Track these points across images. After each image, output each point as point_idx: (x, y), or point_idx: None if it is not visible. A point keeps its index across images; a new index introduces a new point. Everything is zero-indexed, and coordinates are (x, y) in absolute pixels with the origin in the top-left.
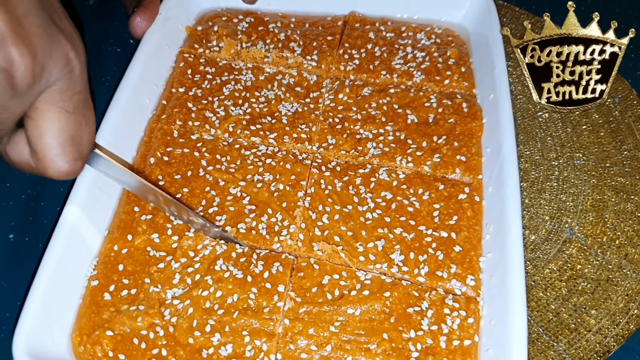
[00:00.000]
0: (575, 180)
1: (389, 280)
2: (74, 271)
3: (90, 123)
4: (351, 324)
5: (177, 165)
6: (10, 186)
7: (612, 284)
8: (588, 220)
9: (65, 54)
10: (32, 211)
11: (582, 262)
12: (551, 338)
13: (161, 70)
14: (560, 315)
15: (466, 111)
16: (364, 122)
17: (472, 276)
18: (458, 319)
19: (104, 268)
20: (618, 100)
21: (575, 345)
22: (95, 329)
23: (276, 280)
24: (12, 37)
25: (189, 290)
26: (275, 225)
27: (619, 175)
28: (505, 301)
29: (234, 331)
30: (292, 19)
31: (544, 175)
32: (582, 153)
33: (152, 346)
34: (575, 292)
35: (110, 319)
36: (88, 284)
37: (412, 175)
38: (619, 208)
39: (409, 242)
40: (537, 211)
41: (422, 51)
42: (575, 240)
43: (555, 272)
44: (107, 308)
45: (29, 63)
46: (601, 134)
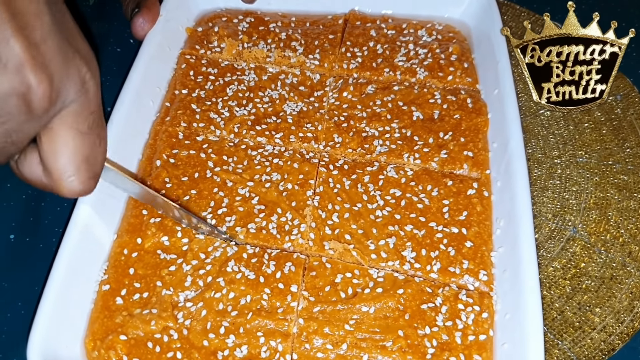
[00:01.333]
0: (578, 178)
1: (402, 277)
2: (84, 276)
3: (104, 142)
4: (366, 322)
5: (183, 167)
6: (10, 186)
7: (616, 282)
8: (591, 218)
9: (82, 76)
10: (32, 212)
11: (585, 260)
12: (556, 336)
13: (163, 72)
14: (565, 313)
15: (471, 107)
16: (370, 119)
17: (484, 271)
18: (472, 314)
19: (115, 272)
20: (620, 98)
21: (579, 343)
22: (109, 333)
23: (289, 280)
24: (30, 63)
25: (202, 292)
26: (285, 224)
27: (622, 172)
28: (519, 295)
29: (249, 332)
30: (292, 18)
31: (546, 174)
32: (585, 151)
33: (167, 349)
34: (579, 290)
35: (123, 323)
36: (99, 288)
37: (420, 172)
38: (622, 206)
39: (420, 238)
40: (540, 209)
41: (424, 48)
42: (578, 238)
43: (559, 271)
44: (119, 312)
45: (46, 88)
46: (603, 131)
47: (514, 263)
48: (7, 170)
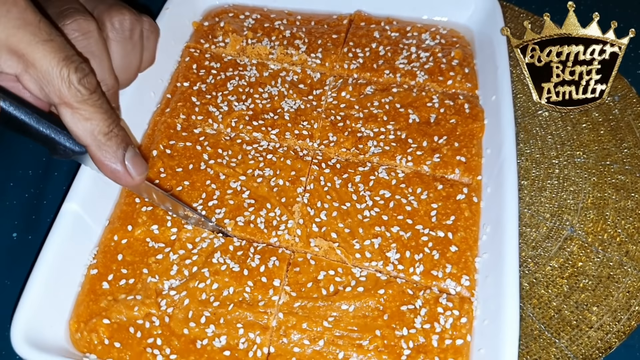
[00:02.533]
0: (576, 178)
1: (384, 277)
2: (74, 259)
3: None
4: (344, 319)
5: (179, 158)
6: (13, 185)
7: (613, 281)
8: (589, 217)
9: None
10: (35, 210)
11: (583, 260)
12: (553, 335)
13: (167, 65)
14: (562, 312)
15: (468, 112)
16: (366, 120)
17: (467, 276)
18: (451, 318)
19: (104, 257)
20: (618, 98)
21: (577, 341)
22: (93, 316)
23: (272, 275)
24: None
25: (186, 281)
26: (273, 219)
27: (619, 173)
28: (500, 302)
29: (229, 323)
30: (298, 16)
31: (544, 174)
32: (583, 151)
33: (148, 335)
34: (576, 289)
35: (108, 307)
36: (87, 272)
37: (412, 175)
38: (620, 205)
39: (406, 240)
40: (538, 209)
41: (426, 51)
42: (576, 237)
43: (557, 270)
44: (105, 297)
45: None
46: (601, 132)
47: (497, 270)
48: (10, 170)
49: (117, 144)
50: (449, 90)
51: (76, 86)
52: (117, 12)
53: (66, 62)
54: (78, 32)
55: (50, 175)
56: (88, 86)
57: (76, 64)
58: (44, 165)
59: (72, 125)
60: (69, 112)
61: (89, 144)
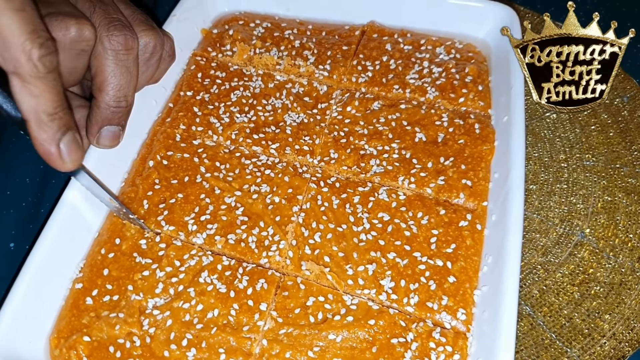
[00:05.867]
0: (585, 181)
1: (376, 307)
2: (59, 273)
3: None
4: (331, 350)
5: (175, 169)
6: (10, 194)
7: (625, 287)
8: (599, 222)
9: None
10: (32, 219)
11: (594, 266)
12: (564, 344)
13: (171, 73)
14: (573, 320)
15: (478, 132)
16: (370, 137)
17: (464, 310)
18: (443, 354)
19: (90, 271)
20: (627, 100)
21: (589, 351)
22: (74, 332)
23: (259, 298)
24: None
25: (171, 301)
26: (265, 239)
27: (630, 176)
28: (495, 341)
29: (211, 347)
30: (309, 26)
31: (553, 177)
32: (592, 154)
33: (127, 356)
34: (588, 296)
35: (89, 324)
36: (72, 286)
37: (413, 197)
38: (631, 210)
39: (402, 268)
40: (547, 214)
41: (439, 66)
42: (586, 243)
43: (567, 276)
44: (87, 313)
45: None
46: (610, 134)
47: (495, 305)
48: (7, 179)
49: (57, 127)
50: (460, 109)
51: (35, 61)
52: (145, 33)
53: (32, 35)
54: (123, 46)
55: (48, 183)
56: (48, 64)
57: (42, 40)
58: (41, 173)
59: (18, 97)
60: (19, 84)
61: (29, 119)
